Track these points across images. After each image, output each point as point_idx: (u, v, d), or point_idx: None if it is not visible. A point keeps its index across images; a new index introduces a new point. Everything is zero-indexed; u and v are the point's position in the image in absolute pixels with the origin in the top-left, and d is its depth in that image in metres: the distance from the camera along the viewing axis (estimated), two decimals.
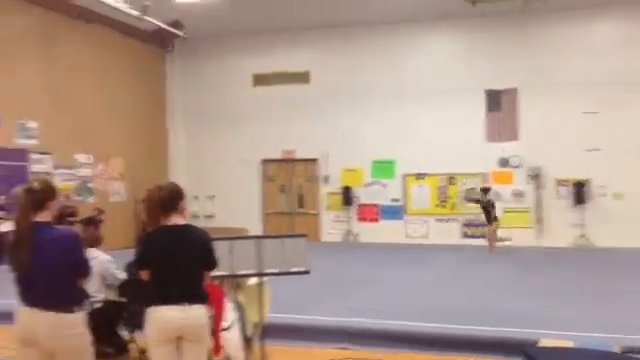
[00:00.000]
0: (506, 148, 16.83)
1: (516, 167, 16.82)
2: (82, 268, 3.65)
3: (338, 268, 11.89)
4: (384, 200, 17.81)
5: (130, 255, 6.04)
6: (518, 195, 16.81)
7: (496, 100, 16.96)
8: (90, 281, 4.87)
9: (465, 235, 17.14)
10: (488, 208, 14.48)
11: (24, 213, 3.45)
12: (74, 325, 3.50)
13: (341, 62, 17.90)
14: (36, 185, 3.53)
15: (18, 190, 3.51)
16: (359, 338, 6.53)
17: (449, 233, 17.11)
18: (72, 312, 3.50)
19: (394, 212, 17.73)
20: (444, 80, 17.00)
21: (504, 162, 16.93)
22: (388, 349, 6.31)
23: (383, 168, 17.86)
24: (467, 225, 17.16)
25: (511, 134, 16.88)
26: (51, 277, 3.45)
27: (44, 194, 3.54)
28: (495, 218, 14.52)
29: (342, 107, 17.89)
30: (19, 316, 3.49)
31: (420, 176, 17.56)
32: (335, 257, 13.87)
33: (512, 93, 16.81)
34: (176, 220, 3.81)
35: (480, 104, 16.99)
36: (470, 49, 17.17)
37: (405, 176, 17.69)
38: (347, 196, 17.85)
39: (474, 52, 17.09)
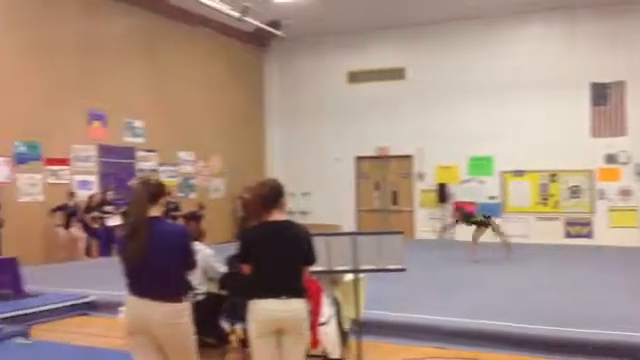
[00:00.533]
0: (613, 144, 16.04)
1: (623, 164, 16.01)
2: (190, 261, 3.81)
3: (433, 266, 11.75)
4: (481, 198, 17.42)
5: (229, 249, 6.28)
6: (625, 193, 16.01)
7: (602, 93, 16.21)
8: (193, 274, 5.07)
9: (568, 234, 16.51)
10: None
11: (141, 206, 3.62)
12: (182, 315, 3.65)
13: (437, 58, 17.67)
14: (152, 180, 3.72)
15: (135, 183, 3.71)
16: (456, 337, 6.44)
17: (551, 232, 16.52)
18: (180, 302, 3.66)
19: (491, 210, 17.25)
20: (545, 73, 16.42)
21: (611, 158, 16.15)
22: (485, 349, 6.19)
23: (480, 165, 17.49)
24: (570, 224, 16.51)
25: (618, 129, 16.09)
26: (162, 269, 3.61)
27: (158, 189, 3.72)
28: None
29: (438, 103, 17.65)
30: (130, 306, 3.65)
31: (519, 173, 17.06)
32: (430, 255, 13.71)
33: (619, 86, 16.01)
34: (277, 216, 3.90)
35: (585, 98, 16.30)
36: (573, 41, 16.48)
37: (503, 173, 17.23)
38: (442, 193, 17.60)
39: (578, 44, 16.39)
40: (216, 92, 17.96)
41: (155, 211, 3.69)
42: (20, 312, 7.53)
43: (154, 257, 3.56)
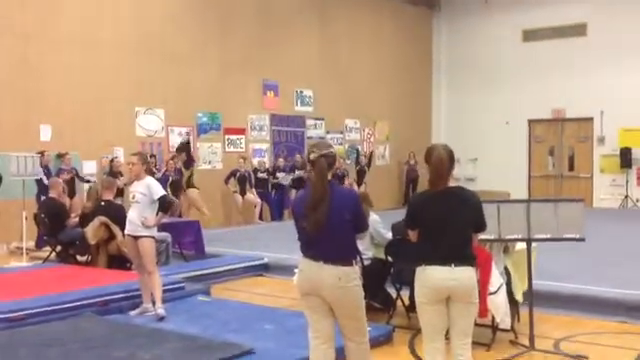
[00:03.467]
0: None
1: None
2: (362, 224, 3.89)
3: (614, 236, 10.95)
4: None
5: (395, 216, 6.30)
6: None
7: None
8: (361, 239, 5.15)
9: None
10: None
11: (322, 177, 3.74)
12: (353, 278, 3.74)
13: (621, 10, 16.23)
14: (332, 151, 3.83)
15: (312, 156, 3.83)
16: (637, 312, 5.97)
17: None
18: (351, 265, 3.75)
19: None
20: None
21: None
22: None
23: None
24: None
25: None
26: (337, 233, 3.71)
27: (333, 158, 3.84)
28: None
29: (621, 60, 16.28)
30: (303, 268, 3.80)
31: None
32: (611, 225, 12.77)
33: None
34: (447, 182, 3.84)
35: None
36: None
37: None
38: (626, 158, 16.28)
39: None
40: (384, 58, 17.93)
41: (329, 176, 3.80)
42: (202, 272, 8.12)
43: (330, 222, 3.67)
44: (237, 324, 5.78)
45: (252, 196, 14.01)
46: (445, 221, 3.74)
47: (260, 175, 14.18)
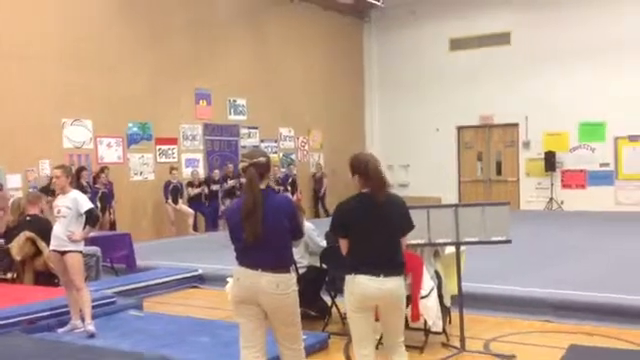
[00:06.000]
0: None
1: None
2: (298, 231, 3.91)
3: (540, 237, 11.36)
4: (592, 165, 16.61)
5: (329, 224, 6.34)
6: None
7: None
8: (295, 247, 5.17)
9: None
10: None
11: (253, 186, 3.74)
12: (292, 284, 3.76)
13: (544, 19, 16.88)
14: (260, 159, 3.81)
15: (245, 165, 3.82)
16: (563, 310, 6.21)
17: None
18: (288, 272, 3.77)
19: (604, 178, 16.48)
20: None
21: None
22: (594, 322, 5.93)
23: (591, 131, 16.65)
24: None
25: None
26: (274, 240, 3.72)
27: (266, 167, 3.83)
28: None
29: (545, 67, 16.89)
30: (241, 277, 3.77)
31: (634, 138, 16.10)
32: (537, 226, 13.25)
33: None
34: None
35: None
36: None
37: (616, 139, 16.30)
38: (550, 162, 16.91)
39: None
40: (317, 67, 18.05)
41: (263, 185, 3.80)
42: (133, 285, 7.96)
43: (266, 230, 3.68)
44: (171, 338, 5.68)
45: (185, 207, 13.82)
46: (373, 228, 3.79)
47: (193, 193, 13.99)
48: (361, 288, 3.76)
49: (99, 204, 11.48)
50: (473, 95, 17.89)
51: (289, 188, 15.73)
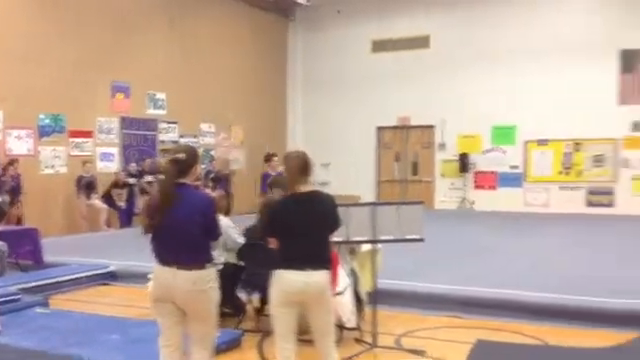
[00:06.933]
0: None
1: None
2: (214, 231, 3.86)
3: (452, 236, 11.72)
4: (503, 167, 17.29)
5: (249, 220, 6.31)
6: None
7: (631, 60, 15.84)
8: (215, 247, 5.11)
9: (590, 203, 16.33)
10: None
11: (169, 181, 3.70)
12: (209, 280, 3.72)
13: (461, 24, 17.41)
14: (181, 156, 3.75)
15: (164, 161, 3.77)
16: (471, 306, 6.44)
17: (572, 201, 16.36)
18: (205, 269, 3.72)
19: (513, 179, 17.19)
20: (572, 40, 16.11)
21: (637, 126, 15.86)
22: (501, 318, 6.18)
23: (503, 134, 17.31)
24: (592, 193, 16.33)
25: None
26: (190, 237, 3.67)
27: (187, 163, 3.76)
28: None
29: (461, 71, 17.42)
30: (158, 275, 3.72)
31: (542, 142, 16.85)
32: (450, 225, 13.67)
33: None
34: (304, 187, 3.92)
35: (613, 65, 15.95)
36: (602, 7, 16.10)
37: (526, 142, 17.03)
38: (463, 163, 17.47)
39: (608, 9, 16.01)
40: (240, 63, 17.89)
41: (186, 180, 3.75)
42: (40, 282, 7.65)
43: (182, 226, 3.64)
44: (79, 336, 5.49)
45: (98, 202, 13.40)
46: (302, 226, 3.83)
47: (116, 193, 13.67)
48: (287, 283, 3.79)
49: (7, 197, 10.97)
50: (393, 96, 18.24)
51: (210, 184, 15.51)
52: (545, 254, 9.62)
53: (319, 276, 3.81)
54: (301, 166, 3.91)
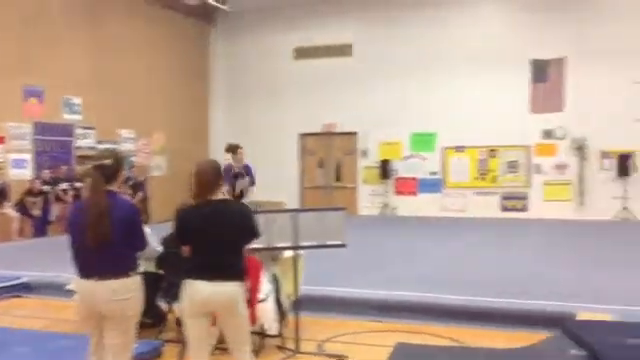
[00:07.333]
0: (550, 120, 16.49)
1: (560, 139, 16.49)
2: (142, 242, 3.78)
3: (374, 241, 11.90)
4: (423, 173, 17.71)
5: (168, 228, 6.19)
6: (560, 167, 16.52)
7: (542, 70, 16.58)
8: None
9: (505, 208, 16.96)
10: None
11: (97, 191, 3.57)
12: (132, 289, 3.65)
13: (383, 34, 17.75)
14: (107, 162, 3.64)
15: (88, 168, 3.63)
16: (392, 310, 6.55)
17: (488, 206, 16.95)
18: (129, 277, 3.64)
19: (432, 185, 17.64)
20: (487, 50, 16.73)
21: (548, 134, 16.61)
22: (421, 321, 6.31)
23: (423, 141, 17.73)
24: (507, 198, 16.97)
25: (556, 105, 16.53)
26: (114, 246, 3.57)
27: (113, 169, 3.67)
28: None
29: (383, 80, 17.75)
30: (79, 289, 3.62)
31: (460, 149, 17.38)
32: (372, 231, 13.89)
33: (559, 63, 16.39)
34: (215, 196, 3.87)
35: (525, 74, 16.65)
36: (516, 18, 16.82)
37: (445, 149, 17.52)
38: (385, 169, 17.79)
39: (520, 20, 16.72)
40: (161, 69, 17.57)
41: (112, 187, 3.66)
42: None
43: (109, 236, 3.55)
44: None
45: (10, 210, 12.82)
46: (212, 235, 3.77)
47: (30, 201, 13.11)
48: (197, 293, 3.73)
49: None
50: (317, 103, 18.38)
51: (129, 191, 15.14)
52: (462, 258, 9.92)
53: (229, 287, 3.75)
54: (213, 173, 3.86)
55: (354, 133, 18.38)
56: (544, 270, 8.54)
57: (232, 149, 10.45)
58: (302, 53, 18.78)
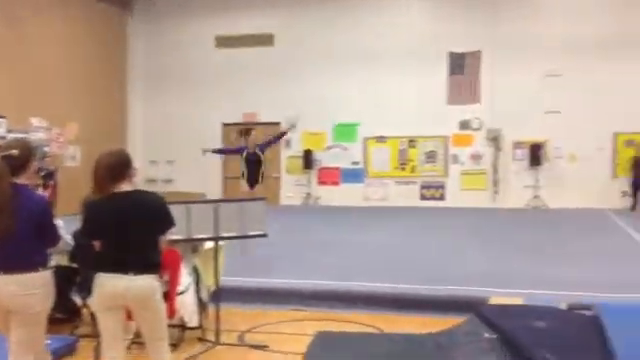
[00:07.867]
0: (467, 111, 16.99)
1: (476, 130, 17.02)
2: (54, 237, 3.68)
3: (297, 231, 11.96)
4: (345, 163, 17.90)
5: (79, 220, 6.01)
6: (476, 157, 17.07)
7: (459, 63, 17.03)
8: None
9: (423, 197, 17.38)
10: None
11: (4, 183, 3.43)
12: (40, 285, 3.53)
13: (304, 24, 17.75)
14: (14, 152, 3.49)
15: None
16: (312, 299, 6.62)
17: (408, 195, 17.33)
18: (37, 271, 3.53)
19: (355, 175, 17.84)
20: (407, 42, 17.03)
21: (464, 125, 17.11)
22: (341, 310, 6.41)
23: (345, 131, 17.90)
24: (426, 187, 17.40)
25: (473, 97, 17.03)
26: (21, 240, 3.46)
27: (21, 159, 3.53)
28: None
29: (305, 70, 17.78)
30: None
31: (381, 139, 17.65)
32: (294, 220, 13.95)
33: (476, 55, 16.88)
34: (124, 187, 3.75)
35: (443, 66, 17.06)
36: (434, 11, 17.19)
37: (366, 139, 17.75)
38: (308, 159, 17.85)
39: (439, 14, 17.11)
40: (75, 57, 16.89)
41: (21, 180, 3.51)
42: None
43: (13, 233, 3.43)
44: None
45: None
46: (122, 227, 3.66)
47: None
48: (108, 286, 3.64)
49: None
50: (238, 93, 18.20)
51: (40, 182, 14.54)
52: (381, 246, 10.11)
53: (142, 280, 3.66)
54: (116, 165, 3.71)
55: (277, 123, 18.32)
56: (460, 257, 8.83)
57: (245, 131, 10.55)
58: (224, 42, 18.54)
